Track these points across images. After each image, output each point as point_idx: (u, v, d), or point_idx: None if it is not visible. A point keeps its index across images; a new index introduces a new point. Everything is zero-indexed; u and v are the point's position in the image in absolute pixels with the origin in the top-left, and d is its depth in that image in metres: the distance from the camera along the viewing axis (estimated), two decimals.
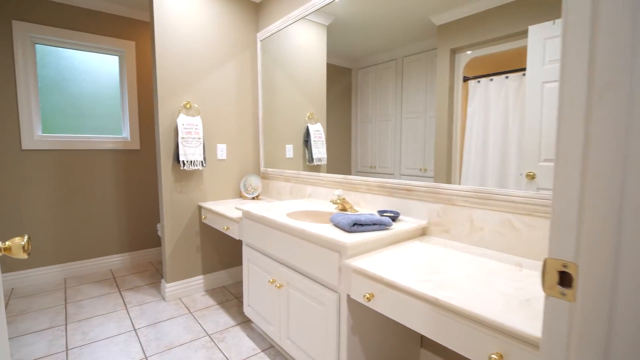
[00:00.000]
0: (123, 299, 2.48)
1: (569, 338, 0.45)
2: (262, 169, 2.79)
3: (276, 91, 2.58)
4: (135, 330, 2.05)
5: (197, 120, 2.39)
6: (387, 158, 1.80)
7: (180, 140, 2.30)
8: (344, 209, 1.82)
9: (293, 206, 1.95)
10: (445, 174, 1.52)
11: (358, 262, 1.21)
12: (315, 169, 2.26)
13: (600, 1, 0.41)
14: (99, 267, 3.04)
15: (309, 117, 2.29)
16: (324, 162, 2.20)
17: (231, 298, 2.49)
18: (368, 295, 1.14)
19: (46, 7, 2.67)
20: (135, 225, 3.22)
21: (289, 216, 1.74)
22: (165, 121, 2.34)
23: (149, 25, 3.13)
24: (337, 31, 2.03)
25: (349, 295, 1.29)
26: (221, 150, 2.62)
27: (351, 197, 1.96)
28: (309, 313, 1.48)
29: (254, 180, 2.69)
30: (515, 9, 1.24)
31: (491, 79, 1.35)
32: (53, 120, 2.81)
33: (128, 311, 2.29)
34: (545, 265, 0.47)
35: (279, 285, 1.64)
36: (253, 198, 2.64)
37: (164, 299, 2.46)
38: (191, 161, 2.35)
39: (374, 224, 1.41)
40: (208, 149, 2.55)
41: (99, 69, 2.99)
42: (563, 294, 0.45)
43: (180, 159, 2.30)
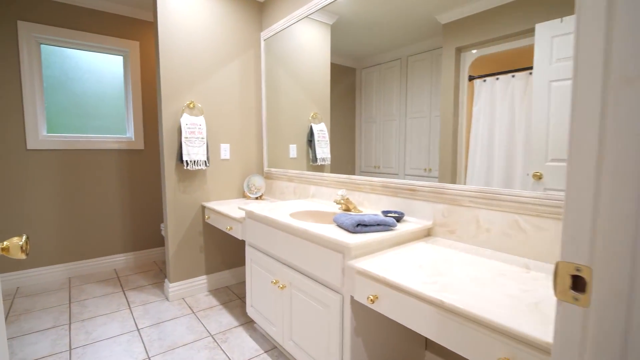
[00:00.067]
0: (127, 298, 2.48)
1: (582, 345, 0.43)
2: (266, 168, 2.78)
3: (280, 91, 2.57)
4: (138, 330, 2.05)
5: (201, 120, 2.39)
6: (392, 158, 1.79)
7: (183, 140, 2.30)
8: (347, 209, 1.80)
9: (296, 206, 1.94)
10: (450, 174, 1.50)
11: (362, 263, 1.20)
12: (319, 169, 2.25)
13: None
14: (103, 267, 3.05)
15: (312, 117, 2.28)
16: (328, 162, 2.19)
17: (234, 298, 2.48)
18: (372, 297, 1.12)
19: (51, 8, 2.68)
20: (139, 224, 3.23)
21: (292, 216, 1.73)
22: (168, 121, 2.34)
23: (152, 25, 3.14)
24: (341, 30, 2.02)
25: (352, 297, 1.28)
26: (224, 150, 2.61)
27: (355, 197, 1.95)
28: (312, 314, 1.47)
29: (258, 180, 2.68)
30: (521, 6, 1.22)
31: (497, 78, 1.33)
32: (57, 120, 2.83)
33: (131, 311, 2.29)
34: (557, 269, 0.45)
35: (282, 286, 1.63)
36: (256, 198, 2.63)
37: (167, 298, 2.46)
38: (194, 161, 2.35)
39: (378, 225, 1.39)
40: (211, 149, 2.54)
41: (103, 68, 2.99)
42: (576, 299, 0.43)
43: (184, 158, 2.30)
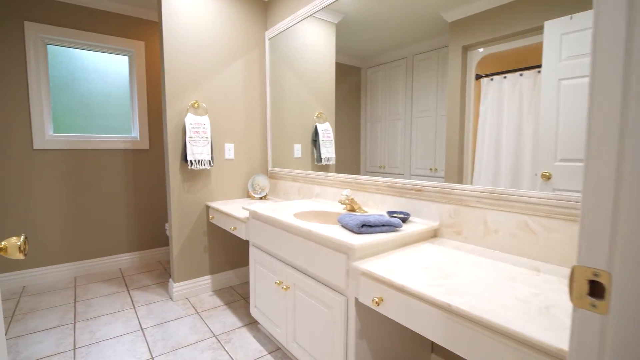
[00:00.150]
0: (131, 298, 2.49)
1: (600, 355, 0.41)
2: (270, 168, 2.77)
3: (284, 90, 2.56)
4: (142, 330, 2.05)
5: (205, 120, 2.38)
6: (397, 158, 1.76)
7: (188, 139, 2.29)
8: (352, 210, 1.78)
9: (300, 206, 1.92)
10: (457, 174, 1.47)
11: (366, 265, 1.18)
12: (324, 169, 2.23)
13: None
14: (108, 266, 3.07)
15: (317, 117, 2.26)
16: (333, 162, 2.17)
17: (238, 299, 2.47)
18: (377, 300, 1.10)
19: (57, 8, 2.70)
20: (144, 224, 3.23)
21: (296, 216, 1.71)
22: (173, 120, 2.33)
23: (157, 25, 3.14)
24: (346, 29, 2.00)
25: (357, 299, 1.26)
26: (229, 150, 2.61)
27: (360, 198, 1.93)
28: (316, 316, 1.45)
29: (262, 180, 2.67)
30: (529, 4, 1.20)
31: (505, 77, 1.30)
32: (63, 120, 2.84)
33: (136, 310, 2.29)
34: (573, 274, 0.43)
35: (285, 287, 1.61)
36: (261, 198, 2.62)
37: (171, 298, 2.45)
38: (199, 160, 2.34)
39: (383, 225, 1.37)
40: (216, 149, 2.54)
41: (108, 68, 3.01)
42: (594, 306, 0.41)
43: (188, 158, 2.30)
